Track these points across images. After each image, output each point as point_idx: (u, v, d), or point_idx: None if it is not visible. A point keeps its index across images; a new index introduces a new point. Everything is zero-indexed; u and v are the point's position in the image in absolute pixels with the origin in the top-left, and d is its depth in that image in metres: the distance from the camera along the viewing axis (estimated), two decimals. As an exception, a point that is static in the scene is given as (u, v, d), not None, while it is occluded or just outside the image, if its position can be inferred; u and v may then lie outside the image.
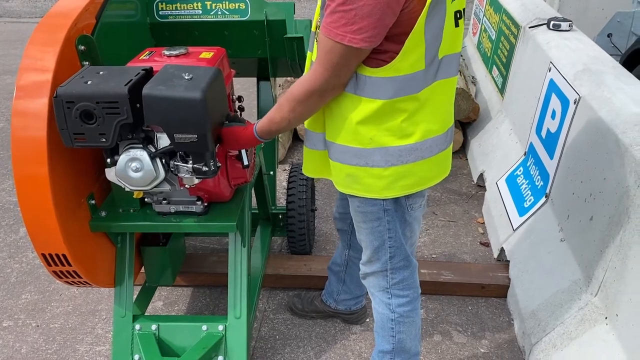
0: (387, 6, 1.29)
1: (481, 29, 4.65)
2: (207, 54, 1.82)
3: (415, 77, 1.45)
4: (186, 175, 1.62)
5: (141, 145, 1.60)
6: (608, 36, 4.43)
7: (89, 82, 1.50)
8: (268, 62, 2.46)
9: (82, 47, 1.71)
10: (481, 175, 3.45)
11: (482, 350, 2.30)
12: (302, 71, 2.48)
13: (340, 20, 1.31)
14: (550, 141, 2.61)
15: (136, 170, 1.60)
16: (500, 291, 2.57)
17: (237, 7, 2.35)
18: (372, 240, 1.73)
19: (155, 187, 1.63)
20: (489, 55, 4.21)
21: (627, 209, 1.84)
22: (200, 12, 2.36)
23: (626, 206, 1.84)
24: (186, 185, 1.69)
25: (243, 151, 1.74)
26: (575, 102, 2.37)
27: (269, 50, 2.39)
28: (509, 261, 2.65)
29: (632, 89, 2.26)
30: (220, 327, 2.01)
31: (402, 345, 1.90)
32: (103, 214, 1.88)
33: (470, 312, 2.51)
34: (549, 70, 2.76)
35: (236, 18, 2.35)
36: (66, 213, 1.68)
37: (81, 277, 1.81)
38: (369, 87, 1.45)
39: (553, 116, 2.62)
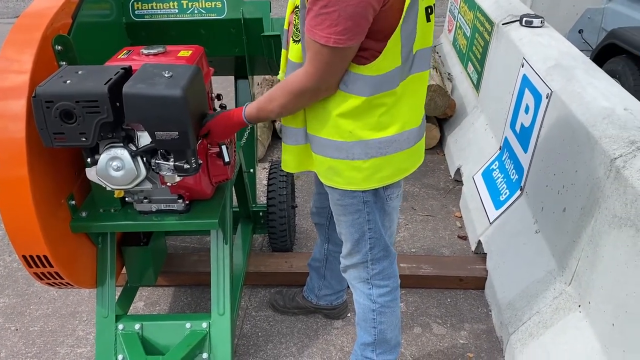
0: (369, 4, 1.32)
1: (456, 26, 4.72)
2: (185, 52, 1.82)
3: (393, 74, 1.49)
4: (167, 173, 1.63)
5: (122, 144, 1.60)
6: (579, 32, 4.54)
7: (68, 82, 1.50)
8: (245, 60, 2.47)
9: (59, 47, 1.71)
10: (458, 170, 3.51)
11: (462, 341, 2.35)
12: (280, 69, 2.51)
13: (324, 22, 1.34)
14: (524, 135, 2.67)
15: (117, 169, 1.60)
16: (478, 283, 2.63)
17: (213, 6, 2.36)
18: (352, 232, 1.76)
19: (136, 185, 1.64)
20: (464, 52, 4.28)
21: (597, 200, 1.90)
22: (177, 11, 2.36)
23: (597, 197, 1.91)
24: (168, 184, 1.70)
25: (224, 147, 1.76)
26: (547, 97, 2.43)
27: (246, 48, 2.40)
28: (486, 253, 2.70)
29: (602, 83, 2.32)
30: (204, 325, 2.02)
31: (383, 335, 1.94)
32: (84, 214, 1.87)
33: (449, 305, 2.56)
34: (522, 66, 2.82)
35: (213, 17, 2.35)
36: (47, 214, 1.67)
37: (63, 279, 1.81)
38: (352, 83, 1.48)
39: (527, 111, 2.68)
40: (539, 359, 2.00)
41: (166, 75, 1.52)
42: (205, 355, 2.01)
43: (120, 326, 2.02)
